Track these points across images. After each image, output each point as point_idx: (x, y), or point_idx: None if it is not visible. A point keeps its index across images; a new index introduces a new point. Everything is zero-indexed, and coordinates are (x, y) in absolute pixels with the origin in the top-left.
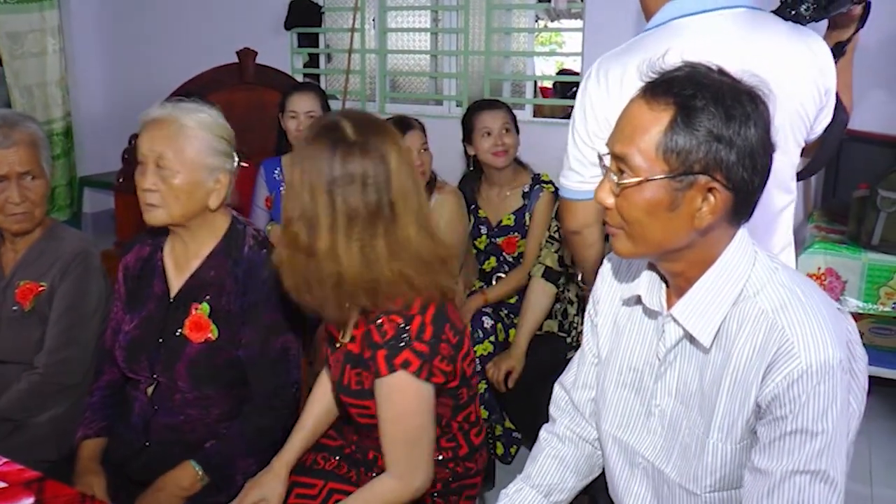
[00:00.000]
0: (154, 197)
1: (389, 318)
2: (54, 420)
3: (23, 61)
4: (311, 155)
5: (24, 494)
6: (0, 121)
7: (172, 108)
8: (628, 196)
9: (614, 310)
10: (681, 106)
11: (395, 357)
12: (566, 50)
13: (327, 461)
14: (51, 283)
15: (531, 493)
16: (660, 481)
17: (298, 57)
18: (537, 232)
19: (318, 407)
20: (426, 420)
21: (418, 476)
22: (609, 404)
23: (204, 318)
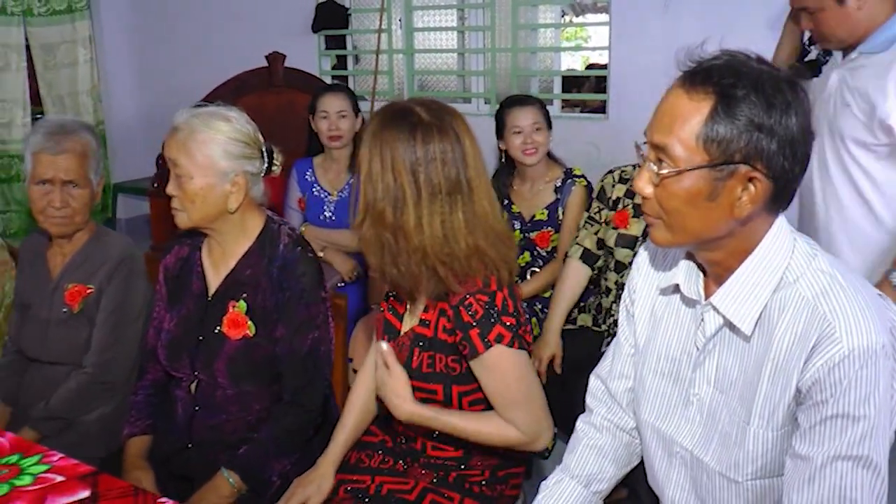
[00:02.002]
0: (175, 202)
1: (476, 297)
2: (102, 418)
3: (55, 72)
4: (390, 140)
5: (80, 487)
6: (57, 127)
7: (188, 114)
8: (667, 186)
9: (651, 299)
10: (721, 95)
11: (489, 333)
12: (592, 44)
13: (371, 458)
14: (98, 285)
15: (571, 484)
16: (699, 470)
17: (326, 59)
18: (570, 226)
19: (358, 405)
20: (532, 381)
21: (543, 433)
22: (647, 394)
23: (241, 315)
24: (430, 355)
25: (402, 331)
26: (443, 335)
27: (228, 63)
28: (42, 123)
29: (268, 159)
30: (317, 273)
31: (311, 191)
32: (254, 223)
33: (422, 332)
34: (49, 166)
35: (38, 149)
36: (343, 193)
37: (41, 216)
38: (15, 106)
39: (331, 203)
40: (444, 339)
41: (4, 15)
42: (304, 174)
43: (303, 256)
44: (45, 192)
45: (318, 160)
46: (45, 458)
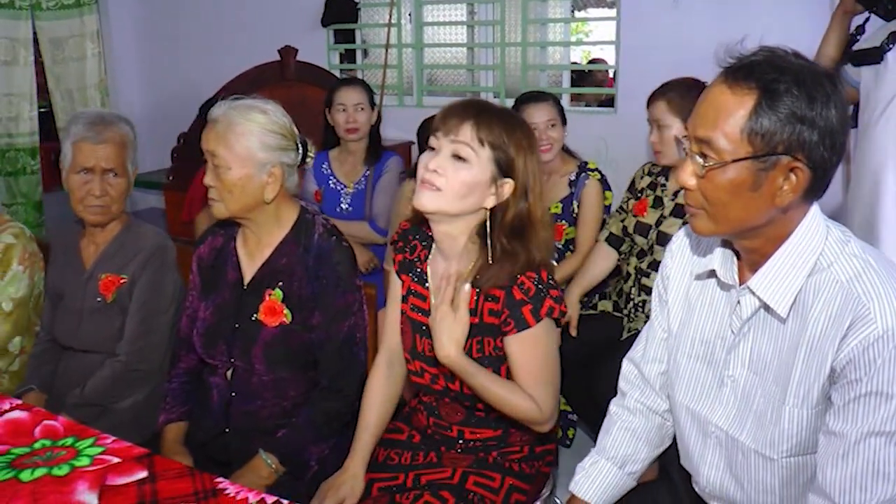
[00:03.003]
0: (213, 192)
1: (526, 276)
2: (136, 405)
3: (64, 66)
4: (530, 149)
5: (137, 468)
6: (98, 119)
7: (226, 107)
8: (713, 178)
9: (685, 285)
10: (764, 90)
11: (541, 308)
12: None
13: (401, 456)
14: (131, 275)
15: (607, 465)
16: (734, 449)
17: (335, 53)
18: (588, 219)
19: (376, 402)
20: (558, 363)
21: (554, 414)
22: (681, 376)
23: (278, 303)
24: (479, 340)
25: None
26: (489, 318)
27: (237, 57)
28: (81, 115)
29: (302, 151)
30: (351, 262)
31: (328, 183)
32: (288, 213)
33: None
34: (90, 155)
35: (79, 138)
36: (359, 186)
37: (80, 205)
38: (22, 100)
39: (347, 195)
40: (491, 321)
41: (12, 9)
42: (321, 167)
43: (338, 245)
44: (85, 181)
45: (334, 153)
46: (98, 440)
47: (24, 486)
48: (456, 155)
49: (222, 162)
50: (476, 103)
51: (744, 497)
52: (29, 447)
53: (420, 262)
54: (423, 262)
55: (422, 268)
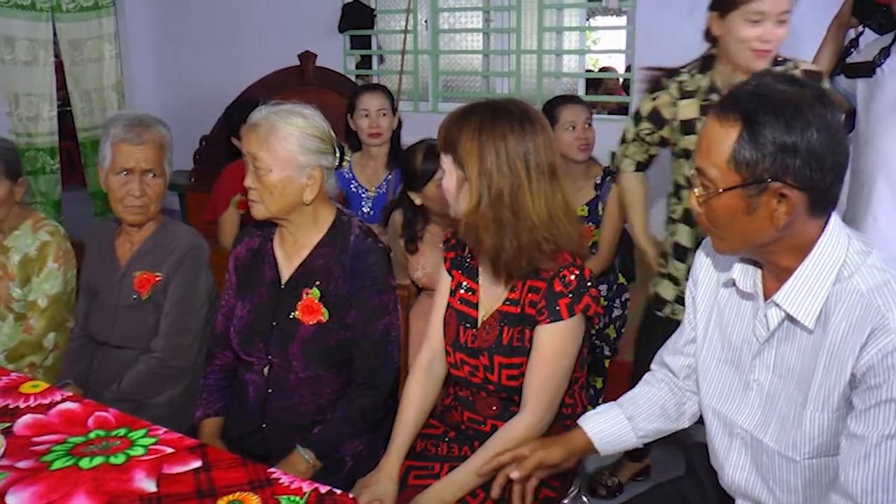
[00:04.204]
0: (254, 194)
1: (569, 269)
2: (171, 401)
3: (82, 67)
4: (500, 134)
5: (191, 458)
6: (136, 121)
7: (267, 111)
8: (710, 204)
9: (714, 291)
10: (746, 121)
11: (578, 303)
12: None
13: (437, 447)
14: (166, 273)
15: (618, 412)
16: (758, 450)
17: (351, 58)
18: (611, 222)
19: (415, 402)
20: (574, 361)
21: (550, 412)
22: (709, 379)
23: (315, 301)
24: (519, 330)
25: (482, 317)
26: (529, 310)
27: (253, 62)
28: (119, 116)
29: (339, 154)
30: (387, 262)
31: (349, 187)
32: (325, 215)
33: (508, 310)
34: (130, 156)
35: (119, 139)
36: (380, 190)
37: (119, 205)
38: (42, 100)
39: (368, 199)
40: (531, 313)
41: (33, 10)
42: (343, 172)
43: (374, 247)
44: (125, 182)
45: (356, 157)
46: (150, 431)
47: (85, 472)
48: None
49: (263, 164)
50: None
51: (769, 495)
52: (84, 436)
53: (471, 258)
54: (475, 258)
55: (473, 264)
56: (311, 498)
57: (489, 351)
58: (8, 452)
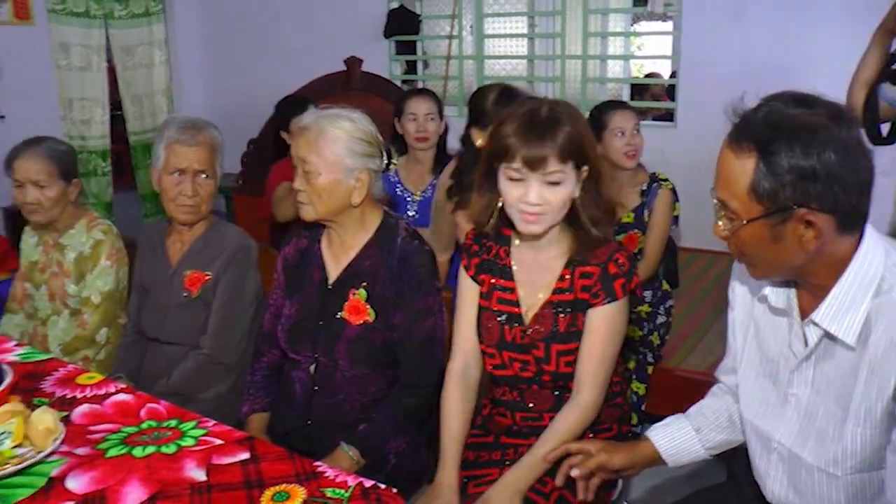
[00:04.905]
0: (303, 196)
1: (620, 253)
2: (218, 397)
3: (133, 72)
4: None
5: (239, 450)
6: (190, 123)
7: (317, 115)
8: (737, 235)
9: (751, 305)
10: (761, 152)
11: (630, 283)
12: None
13: (491, 453)
14: (216, 272)
15: (685, 424)
16: (796, 465)
17: (397, 64)
18: (658, 228)
19: (457, 410)
20: (623, 339)
21: (604, 391)
22: (747, 393)
23: (362, 302)
24: (573, 315)
25: (527, 311)
26: (582, 294)
27: (299, 67)
28: (173, 119)
29: (386, 158)
30: (432, 265)
31: (395, 191)
32: (373, 218)
33: (560, 298)
34: (184, 157)
35: (173, 140)
36: (426, 193)
37: (172, 204)
38: (95, 104)
39: (414, 203)
40: (584, 297)
41: (87, 17)
42: (388, 175)
43: (420, 249)
44: (178, 182)
45: (402, 161)
46: (200, 423)
47: (138, 461)
48: (548, 182)
49: (313, 168)
50: (544, 124)
51: None
52: (137, 427)
53: (501, 258)
54: (506, 256)
55: (505, 262)
56: (356, 491)
57: (546, 341)
58: (67, 440)
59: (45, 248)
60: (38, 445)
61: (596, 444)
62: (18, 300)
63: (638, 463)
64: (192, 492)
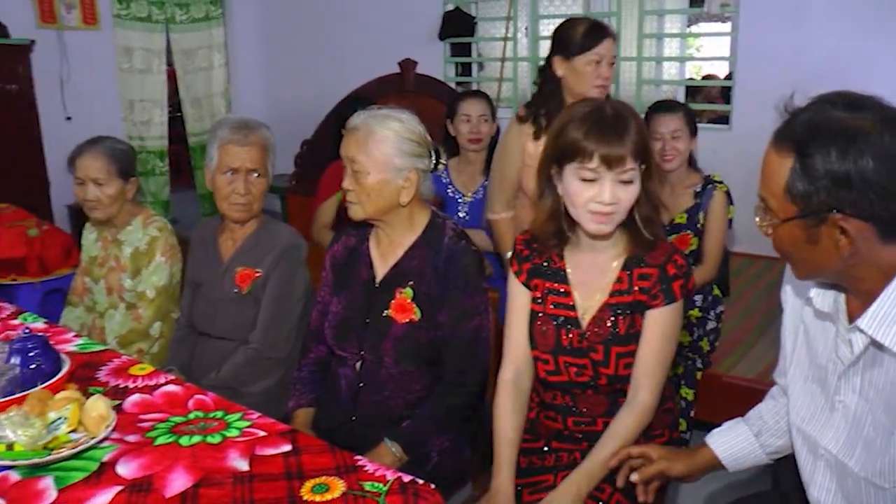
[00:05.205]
0: (351, 195)
1: (678, 254)
2: (266, 391)
3: (193, 75)
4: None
5: (282, 442)
6: (243, 124)
7: (366, 115)
8: (775, 233)
9: (800, 308)
10: (799, 153)
11: (688, 283)
12: (704, 54)
13: (543, 459)
14: (266, 270)
15: (744, 428)
16: (843, 474)
17: (451, 66)
18: (715, 229)
19: (510, 417)
20: (678, 340)
21: (660, 392)
22: (795, 397)
23: (408, 301)
24: (632, 317)
25: (587, 314)
26: (640, 296)
27: (354, 69)
28: (226, 120)
29: (434, 157)
30: (479, 265)
31: (446, 192)
32: (420, 217)
33: (618, 300)
34: (236, 156)
35: (226, 140)
36: (477, 195)
37: (224, 203)
38: (154, 106)
39: (465, 204)
40: (642, 299)
41: (150, 22)
42: (440, 176)
43: (466, 249)
44: (230, 181)
45: (454, 163)
46: (245, 415)
47: (184, 449)
48: (621, 181)
49: (361, 167)
50: (614, 124)
51: None
52: (185, 417)
53: (554, 262)
54: (560, 260)
55: (558, 266)
56: (395, 486)
57: (605, 343)
58: (118, 427)
59: (104, 244)
60: (91, 431)
61: (657, 450)
62: (79, 294)
63: (697, 470)
64: (235, 481)
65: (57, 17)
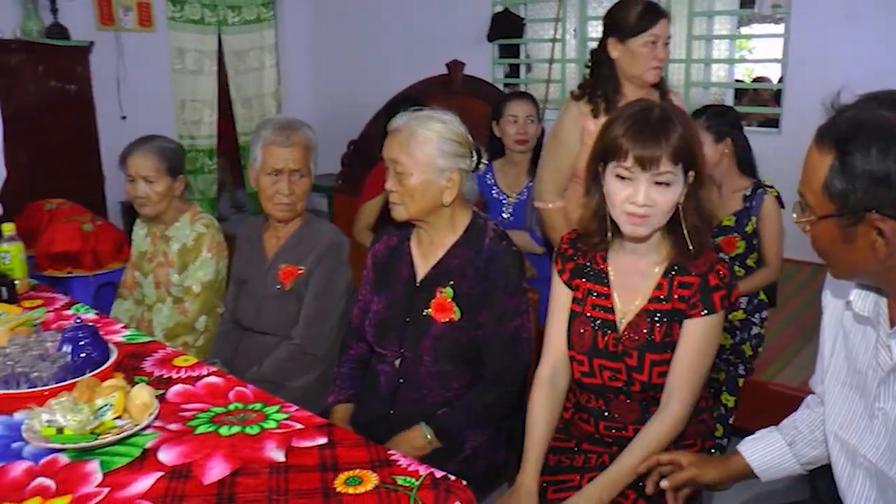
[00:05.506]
0: (395, 196)
1: (720, 264)
2: (306, 386)
3: (244, 76)
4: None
5: (318, 435)
6: (285, 124)
7: (408, 117)
8: (812, 230)
9: (840, 312)
10: (839, 150)
11: (731, 295)
12: (756, 56)
13: (572, 459)
14: (308, 267)
15: (777, 437)
16: (884, 483)
17: (499, 67)
18: (772, 233)
19: (543, 415)
20: (716, 352)
21: (693, 403)
22: (832, 403)
23: (448, 300)
24: (669, 325)
25: (621, 319)
26: (680, 304)
27: (402, 70)
28: (269, 121)
29: (476, 158)
30: (519, 265)
31: (490, 193)
32: (462, 218)
33: (657, 307)
34: (280, 158)
35: (269, 142)
36: (521, 196)
37: (269, 203)
38: (205, 106)
39: (509, 205)
40: (681, 307)
41: (202, 24)
42: (484, 177)
43: (507, 250)
44: (274, 182)
45: (498, 164)
46: (283, 408)
47: (223, 439)
48: (657, 182)
49: (404, 168)
50: (657, 125)
51: None
52: (225, 408)
53: (597, 264)
54: (603, 262)
55: (601, 268)
56: (427, 481)
57: (639, 350)
58: (161, 415)
59: (153, 240)
60: (135, 419)
61: (687, 457)
62: (129, 287)
63: (729, 478)
64: (271, 471)
65: (115, 19)
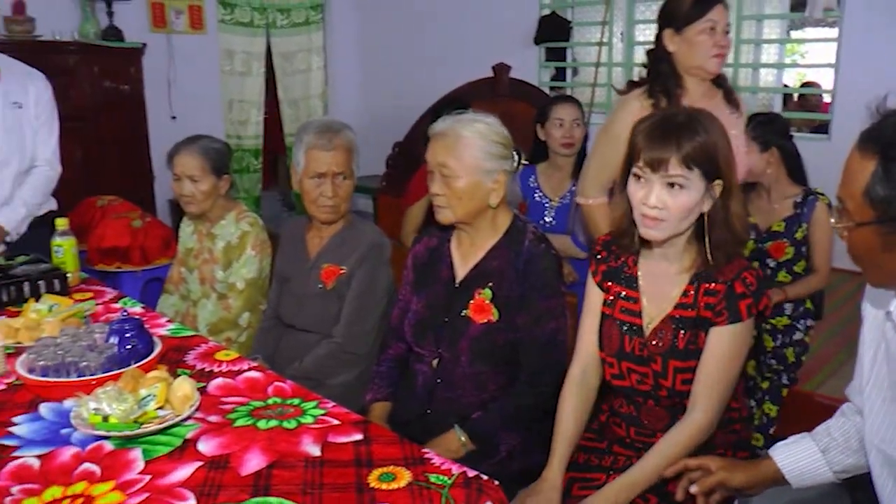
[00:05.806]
0: (441, 200)
1: (749, 271)
2: (345, 384)
3: (292, 77)
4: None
5: (354, 431)
6: (326, 127)
7: (452, 121)
8: (850, 236)
9: (880, 322)
10: (882, 156)
11: (757, 304)
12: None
13: (601, 459)
14: (350, 267)
15: (810, 444)
16: None
17: (546, 70)
18: (824, 240)
19: (572, 412)
20: (744, 362)
21: (719, 413)
22: (872, 415)
23: (486, 302)
24: (694, 333)
25: (648, 323)
26: (705, 312)
27: (451, 72)
28: (310, 124)
29: (517, 159)
30: (558, 268)
31: (533, 196)
32: (503, 220)
33: (682, 314)
34: (322, 161)
35: (312, 146)
36: (564, 200)
37: (313, 206)
38: (252, 107)
39: (551, 209)
40: (707, 315)
41: (251, 27)
42: (527, 180)
43: (546, 252)
44: (318, 185)
45: (542, 167)
46: (320, 404)
47: (261, 432)
48: (670, 184)
49: (451, 172)
50: (673, 128)
51: None
52: (264, 402)
53: (628, 267)
54: (633, 266)
55: (631, 272)
56: (459, 479)
57: (663, 356)
58: (202, 407)
59: (199, 237)
60: (177, 409)
61: (716, 461)
62: (175, 283)
63: (759, 482)
64: (307, 465)
65: (167, 22)
